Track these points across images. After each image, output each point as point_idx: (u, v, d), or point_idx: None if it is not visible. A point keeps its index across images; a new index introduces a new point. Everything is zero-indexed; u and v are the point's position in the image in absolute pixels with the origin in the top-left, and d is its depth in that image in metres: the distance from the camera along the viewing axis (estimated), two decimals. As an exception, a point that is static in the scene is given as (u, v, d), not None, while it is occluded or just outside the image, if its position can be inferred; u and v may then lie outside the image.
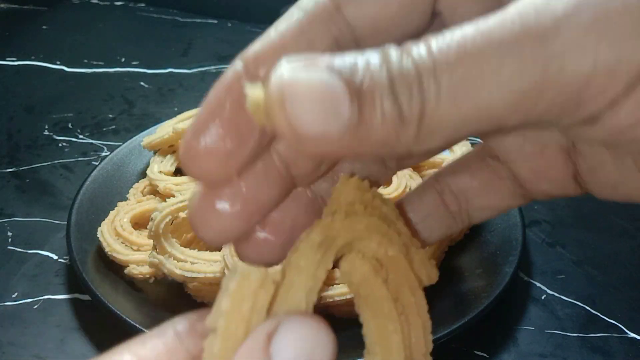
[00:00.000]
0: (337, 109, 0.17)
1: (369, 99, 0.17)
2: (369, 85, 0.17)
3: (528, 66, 0.17)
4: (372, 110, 0.17)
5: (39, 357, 0.50)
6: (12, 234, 0.63)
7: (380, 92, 0.17)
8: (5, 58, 0.99)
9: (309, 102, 0.17)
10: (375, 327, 0.21)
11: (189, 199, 0.22)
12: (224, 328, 0.19)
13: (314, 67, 0.17)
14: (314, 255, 0.20)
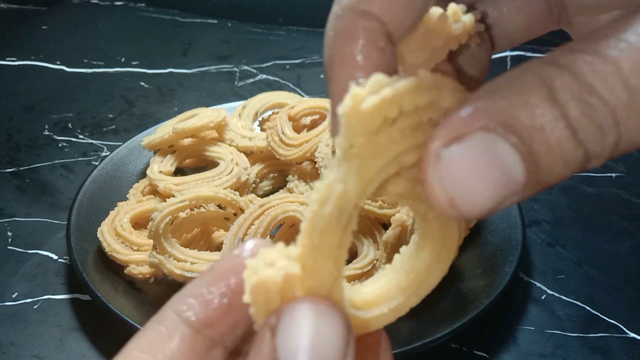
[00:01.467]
0: (510, 176, 0.16)
1: (546, 154, 0.16)
2: (545, 139, 0.16)
3: None
4: (553, 162, 0.16)
5: (39, 357, 0.50)
6: (12, 234, 0.63)
7: (561, 142, 0.16)
8: (5, 58, 0.99)
9: (477, 183, 0.16)
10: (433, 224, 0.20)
11: None
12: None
13: (467, 140, 0.16)
14: (333, 228, 0.18)
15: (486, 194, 0.16)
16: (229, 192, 0.55)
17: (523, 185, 0.16)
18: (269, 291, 0.18)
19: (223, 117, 0.66)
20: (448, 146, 0.16)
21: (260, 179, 0.65)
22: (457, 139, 0.16)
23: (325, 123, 0.62)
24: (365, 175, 0.17)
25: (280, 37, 1.12)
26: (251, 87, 0.94)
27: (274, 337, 0.17)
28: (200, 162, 0.68)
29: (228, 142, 0.66)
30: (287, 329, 0.17)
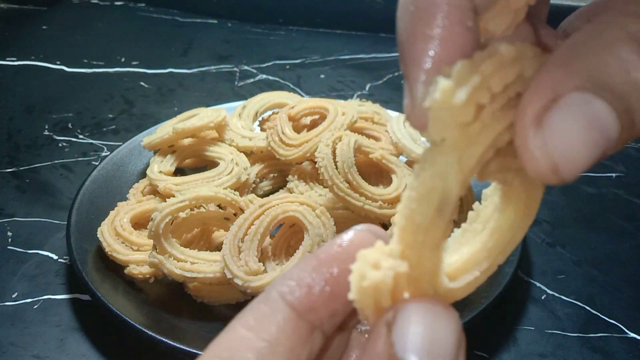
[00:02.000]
0: (608, 136, 0.16)
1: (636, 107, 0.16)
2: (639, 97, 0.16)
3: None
4: None
5: (39, 357, 0.50)
6: (12, 234, 0.63)
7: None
8: (5, 58, 0.99)
9: (578, 146, 0.16)
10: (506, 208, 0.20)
11: None
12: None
13: (563, 105, 0.16)
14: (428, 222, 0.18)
15: (587, 155, 0.16)
16: (229, 192, 0.55)
17: (616, 141, 0.16)
18: (380, 292, 0.18)
19: (223, 117, 0.66)
20: (546, 111, 0.16)
21: (260, 179, 0.65)
22: (554, 101, 0.16)
23: (326, 123, 0.62)
24: (465, 168, 0.17)
25: (280, 37, 1.12)
26: (251, 87, 0.94)
27: (391, 334, 0.18)
28: (200, 162, 0.68)
29: (228, 142, 0.66)
30: (404, 328, 0.18)
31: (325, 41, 1.11)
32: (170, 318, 0.50)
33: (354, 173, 0.55)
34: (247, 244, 0.51)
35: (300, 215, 0.52)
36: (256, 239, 0.51)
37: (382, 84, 0.96)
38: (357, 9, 1.13)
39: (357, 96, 0.92)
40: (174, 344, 0.45)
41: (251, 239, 0.51)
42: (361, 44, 1.09)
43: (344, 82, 0.97)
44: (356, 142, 0.58)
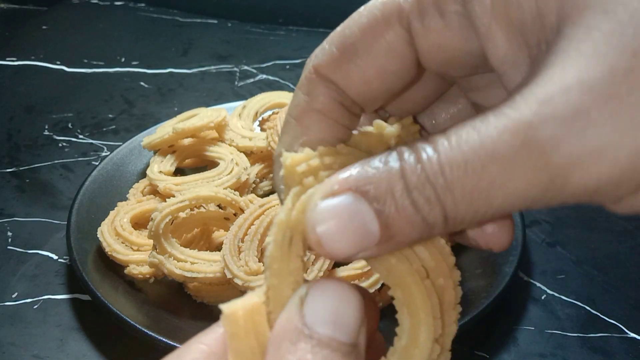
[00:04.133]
0: (367, 230, 0.20)
1: (395, 217, 0.20)
2: (394, 204, 0.20)
3: (533, 180, 0.19)
4: (401, 224, 0.20)
5: (39, 357, 0.50)
6: (12, 234, 0.63)
7: (405, 209, 0.20)
8: (5, 58, 0.99)
9: (339, 231, 0.20)
10: (402, 297, 0.23)
11: None
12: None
13: (336, 195, 0.20)
14: (282, 253, 0.21)
15: (345, 241, 0.20)
16: (229, 192, 0.55)
17: (378, 239, 0.20)
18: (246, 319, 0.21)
19: (223, 117, 0.66)
20: (324, 199, 0.20)
21: (260, 179, 0.65)
22: (332, 194, 0.20)
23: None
24: (299, 206, 0.21)
25: (280, 37, 1.12)
26: (251, 87, 0.94)
27: (303, 306, 0.20)
28: (200, 162, 0.68)
29: (228, 142, 0.66)
30: (315, 301, 0.20)
31: (325, 41, 1.10)
32: (170, 318, 0.50)
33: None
34: (247, 244, 0.51)
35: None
36: (256, 239, 0.51)
37: (382, 84, 0.96)
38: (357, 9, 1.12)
39: (357, 96, 0.92)
40: (174, 344, 0.45)
41: (251, 239, 0.51)
42: (361, 44, 1.09)
43: (344, 82, 0.97)
44: (356, 142, 0.58)
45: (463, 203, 0.19)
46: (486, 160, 0.19)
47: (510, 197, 0.19)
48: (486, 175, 0.19)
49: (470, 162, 0.19)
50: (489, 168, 0.19)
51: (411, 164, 0.20)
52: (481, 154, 0.19)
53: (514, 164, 0.19)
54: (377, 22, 0.25)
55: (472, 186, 0.19)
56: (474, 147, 0.19)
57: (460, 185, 0.19)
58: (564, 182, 0.19)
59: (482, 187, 0.19)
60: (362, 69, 0.24)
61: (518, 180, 0.19)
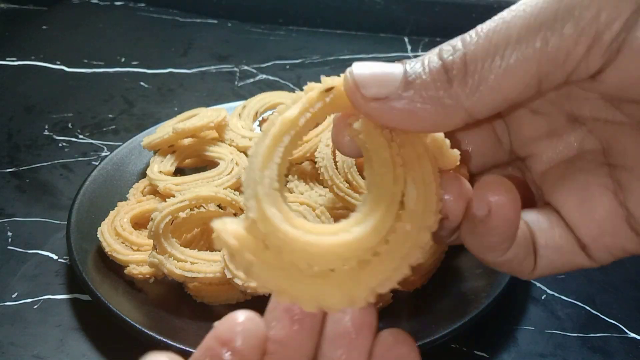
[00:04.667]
0: (391, 74, 0.23)
1: (419, 64, 0.23)
2: (419, 59, 0.23)
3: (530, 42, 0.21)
4: (420, 69, 0.22)
5: (39, 357, 0.50)
6: (12, 234, 0.63)
7: (429, 58, 0.23)
8: (5, 58, 0.99)
9: (369, 71, 0.23)
10: (369, 172, 0.24)
11: None
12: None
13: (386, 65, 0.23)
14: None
15: (373, 80, 0.23)
16: (229, 192, 0.55)
17: (400, 80, 0.23)
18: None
19: (223, 117, 0.66)
20: None
21: (260, 179, 0.65)
22: None
23: (326, 123, 0.62)
24: None
25: (280, 37, 1.12)
26: (251, 87, 0.94)
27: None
28: (200, 162, 0.68)
29: (228, 142, 0.66)
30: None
31: (325, 41, 1.11)
32: (170, 318, 0.50)
33: (354, 173, 0.55)
34: (247, 244, 0.51)
35: (300, 216, 0.52)
36: (256, 239, 0.51)
37: (382, 84, 0.96)
38: (357, 9, 1.13)
39: (357, 96, 0.92)
40: (174, 344, 0.45)
41: (251, 239, 0.51)
42: (361, 44, 1.09)
43: (344, 82, 0.97)
44: (356, 142, 0.58)
45: (484, 44, 0.22)
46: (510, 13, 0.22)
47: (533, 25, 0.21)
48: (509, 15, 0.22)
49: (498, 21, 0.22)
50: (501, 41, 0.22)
51: (445, 45, 0.23)
52: (505, 13, 0.22)
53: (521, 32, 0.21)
54: None
55: (496, 23, 0.22)
56: (500, 16, 0.22)
57: (492, 31, 0.22)
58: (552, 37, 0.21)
59: (505, 19, 0.22)
60: None
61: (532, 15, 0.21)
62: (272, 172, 0.23)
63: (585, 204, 0.25)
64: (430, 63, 0.22)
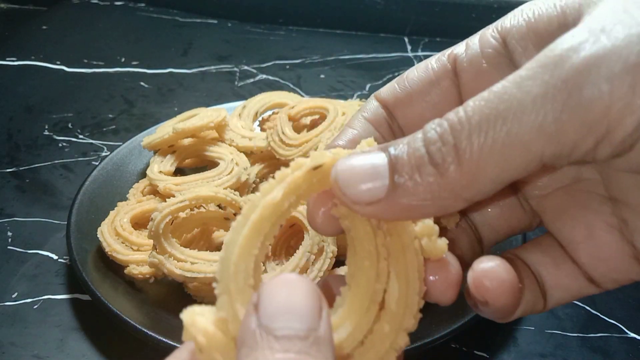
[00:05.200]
0: (377, 173, 0.21)
1: (408, 163, 0.21)
2: (404, 149, 0.21)
3: (551, 94, 0.19)
4: (409, 169, 0.21)
5: (39, 357, 0.50)
6: (12, 234, 0.63)
7: (414, 151, 0.21)
8: (5, 58, 0.99)
9: (354, 173, 0.21)
10: (352, 261, 0.23)
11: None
12: None
13: (365, 153, 0.22)
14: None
15: (356, 183, 0.21)
16: (229, 192, 0.55)
17: (389, 187, 0.21)
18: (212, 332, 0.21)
19: (223, 117, 0.66)
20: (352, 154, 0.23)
21: (260, 179, 0.65)
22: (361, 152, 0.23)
23: (326, 123, 0.62)
24: None
25: (280, 37, 1.12)
26: (251, 87, 0.94)
27: (257, 310, 0.20)
28: (200, 162, 0.68)
29: (228, 142, 0.66)
30: (266, 301, 0.20)
31: (325, 41, 1.11)
32: (170, 318, 0.50)
33: (354, 173, 0.55)
34: (247, 244, 0.51)
35: (300, 215, 0.52)
36: (256, 239, 0.51)
37: (382, 84, 0.96)
38: (357, 9, 1.13)
39: (357, 96, 0.92)
40: (174, 344, 0.45)
41: (251, 239, 0.51)
42: (361, 44, 1.09)
43: (344, 82, 0.97)
44: (356, 142, 0.58)
45: (479, 137, 0.20)
46: (507, 87, 0.20)
47: (530, 121, 0.20)
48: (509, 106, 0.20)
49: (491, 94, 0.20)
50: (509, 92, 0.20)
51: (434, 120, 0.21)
52: (504, 85, 0.20)
53: (534, 81, 0.20)
54: (432, 67, 0.28)
55: (493, 115, 0.20)
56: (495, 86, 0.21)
57: (479, 116, 0.20)
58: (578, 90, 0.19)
59: (502, 114, 0.20)
60: (413, 103, 0.28)
61: (536, 100, 0.20)
62: (247, 266, 0.21)
63: (591, 243, 0.25)
64: (418, 155, 0.21)
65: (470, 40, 0.28)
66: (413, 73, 0.29)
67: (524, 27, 0.25)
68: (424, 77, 0.28)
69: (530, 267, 0.26)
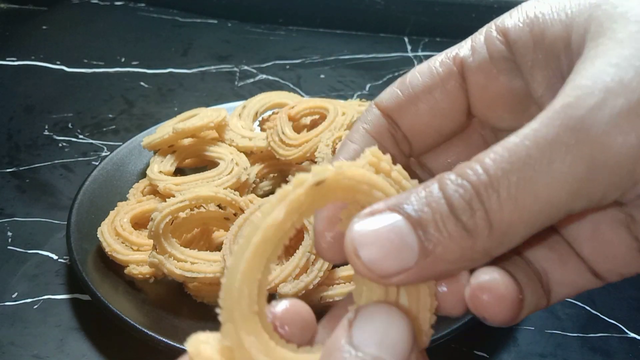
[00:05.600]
0: (405, 244, 0.20)
1: (433, 226, 0.20)
2: (429, 214, 0.20)
3: (575, 155, 0.19)
4: (438, 235, 0.20)
5: (39, 357, 0.50)
6: (12, 234, 0.63)
7: (441, 216, 0.20)
8: (5, 58, 0.99)
9: (378, 247, 0.20)
10: (359, 278, 0.23)
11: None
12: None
13: (377, 214, 0.21)
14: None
15: (386, 262, 0.20)
16: (229, 192, 0.55)
17: (417, 254, 0.20)
18: None
19: (223, 117, 0.66)
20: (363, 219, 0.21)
21: (260, 179, 0.65)
22: (371, 214, 0.21)
23: (326, 123, 0.62)
24: None
25: (280, 37, 1.12)
26: (251, 87, 0.94)
27: (351, 328, 0.20)
28: (200, 162, 0.68)
29: (228, 142, 0.66)
30: (363, 322, 0.21)
31: (325, 41, 1.11)
32: (170, 318, 0.50)
33: (354, 173, 0.55)
34: (247, 244, 0.51)
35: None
36: (256, 239, 0.51)
37: (382, 84, 0.96)
38: (357, 9, 1.13)
39: (357, 96, 0.92)
40: (174, 344, 0.45)
41: (251, 239, 0.51)
42: (361, 44, 1.09)
43: (344, 82, 0.97)
44: (356, 142, 0.58)
45: (509, 201, 0.19)
46: (529, 146, 0.19)
47: (555, 180, 0.19)
48: (530, 160, 0.19)
49: (514, 153, 0.20)
50: (532, 153, 0.19)
51: (451, 178, 0.20)
52: (524, 143, 0.20)
53: (554, 142, 0.19)
54: (437, 69, 0.27)
55: (518, 177, 0.19)
56: (516, 141, 0.20)
57: (506, 179, 0.19)
58: (605, 150, 0.19)
59: (528, 175, 0.19)
60: (418, 107, 0.27)
61: (560, 159, 0.19)
62: (252, 291, 0.21)
63: (598, 239, 0.24)
64: (445, 218, 0.20)
65: (475, 42, 0.27)
66: (416, 76, 0.28)
67: (530, 40, 0.25)
68: (429, 81, 0.27)
69: (532, 265, 0.26)
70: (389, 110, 0.28)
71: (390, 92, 0.28)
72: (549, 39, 0.24)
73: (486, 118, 0.28)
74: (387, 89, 0.28)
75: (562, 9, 0.24)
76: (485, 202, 0.20)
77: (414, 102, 0.27)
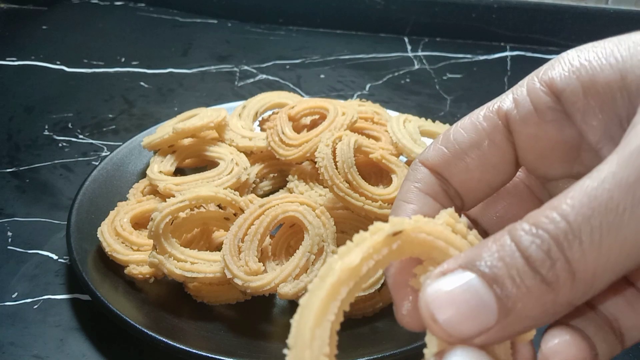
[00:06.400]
0: (482, 304, 0.19)
1: (510, 282, 0.19)
2: (504, 269, 0.19)
3: None
4: (517, 291, 0.19)
5: (39, 357, 0.50)
6: (12, 234, 0.63)
7: (518, 271, 0.19)
8: (5, 58, 0.99)
9: (455, 309, 0.20)
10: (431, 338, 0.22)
11: None
12: None
13: (448, 274, 0.20)
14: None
15: (465, 325, 0.20)
16: (229, 192, 0.55)
17: (497, 313, 0.19)
18: None
19: (223, 117, 0.66)
20: (435, 280, 0.20)
21: (260, 179, 0.65)
22: (443, 273, 0.20)
23: (326, 123, 0.62)
24: None
25: (280, 37, 1.12)
26: (251, 87, 0.94)
27: None
28: (200, 162, 0.68)
29: (228, 142, 0.66)
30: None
31: (325, 41, 1.11)
32: (170, 318, 0.50)
33: (354, 173, 0.55)
34: (247, 244, 0.51)
35: (300, 215, 0.52)
36: (256, 239, 0.51)
37: (382, 84, 0.96)
38: (357, 9, 1.13)
39: (357, 96, 0.92)
40: (174, 344, 0.45)
41: (251, 239, 0.51)
42: (361, 44, 1.09)
43: (344, 82, 0.97)
44: (356, 142, 0.58)
45: (592, 248, 0.19)
46: (610, 188, 0.19)
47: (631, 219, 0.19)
48: (612, 203, 0.19)
49: (594, 197, 0.19)
50: (614, 195, 0.19)
51: (524, 229, 0.20)
52: (604, 186, 0.19)
53: (630, 184, 0.19)
54: (481, 124, 0.27)
55: (600, 221, 0.18)
56: (594, 184, 0.19)
57: (588, 225, 0.19)
58: None
59: (611, 219, 0.18)
60: (467, 163, 0.27)
61: (634, 194, 0.19)
62: (323, 333, 0.20)
63: None
64: (523, 273, 0.19)
65: (517, 95, 0.27)
66: (460, 132, 0.27)
67: (579, 87, 0.25)
68: (475, 136, 0.27)
69: (601, 313, 0.25)
70: (437, 167, 0.27)
71: (435, 149, 0.28)
72: (601, 83, 0.24)
73: (535, 168, 0.28)
74: (429, 146, 0.28)
75: (610, 54, 0.24)
76: (567, 251, 0.19)
77: (461, 157, 0.27)
